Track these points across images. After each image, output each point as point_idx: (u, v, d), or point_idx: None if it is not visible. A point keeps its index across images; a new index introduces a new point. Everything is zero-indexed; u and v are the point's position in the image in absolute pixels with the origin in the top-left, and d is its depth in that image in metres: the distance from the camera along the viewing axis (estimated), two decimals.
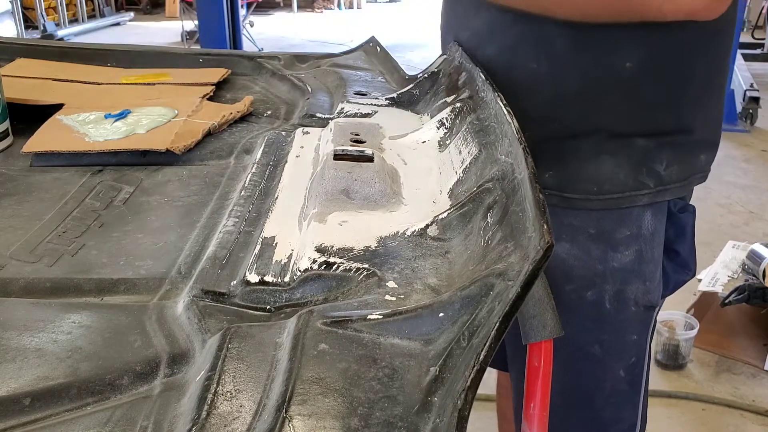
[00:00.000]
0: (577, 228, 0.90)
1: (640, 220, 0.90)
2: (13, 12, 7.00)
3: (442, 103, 0.95)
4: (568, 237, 0.90)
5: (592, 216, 0.90)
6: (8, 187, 0.84)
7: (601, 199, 0.89)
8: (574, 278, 0.91)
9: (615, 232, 0.90)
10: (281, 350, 0.49)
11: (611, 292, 0.91)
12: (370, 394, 0.45)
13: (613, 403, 0.97)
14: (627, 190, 0.88)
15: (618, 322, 0.93)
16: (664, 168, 0.89)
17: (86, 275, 0.65)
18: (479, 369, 0.44)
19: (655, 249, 0.92)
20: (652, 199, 0.89)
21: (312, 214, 0.69)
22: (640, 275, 0.91)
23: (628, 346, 0.95)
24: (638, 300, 0.92)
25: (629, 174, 0.88)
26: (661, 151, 0.89)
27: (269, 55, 1.32)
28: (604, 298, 0.91)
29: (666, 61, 0.86)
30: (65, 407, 0.48)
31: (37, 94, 1.07)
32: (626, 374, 0.95)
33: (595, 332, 0.93)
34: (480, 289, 0.51)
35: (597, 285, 0.91)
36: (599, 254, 0.90)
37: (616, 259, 0.90)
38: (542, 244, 0.49)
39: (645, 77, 0.85)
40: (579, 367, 0.95)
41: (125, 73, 1.21)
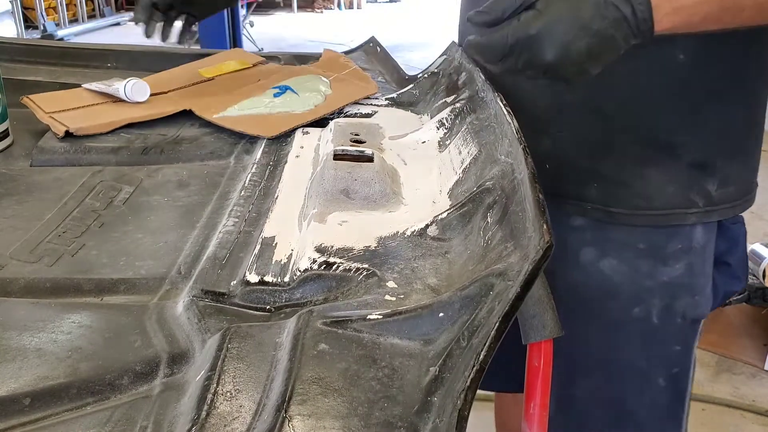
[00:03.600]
0: (625, 244, 0.87)
1: (691, 234, 0.87)
2: (13, 12, 7.00)
3: (442, 104, 0.95)
4: (615, 253, 0.87)
5: (639, 231, 0.86)
6: (8, 187, 0.84)
7: (649, 215, 0.86)
8: (620, 295, 0.88)
9: (665, 247, 0.86)
10: (281, 350, 0.49)
11: (659, 306, 0.88)
12: (369, 394, 0.45)
13: (657, 415, 0.94)
14: (676, 207, 0.85)
15: (664, 334, 0.90)
16: (716, 188, 0.86)
17: (86, 275, 0.65)
18: (479, 369, 0.44)
19: (706, 262, 0.89)
20: (699, 219, 0.86)
21: (312, 214, 0.69)
22: (689, 289, 0.88)
23: (672, 356, 0.92)
24: (686, 313, 0.89)
25: (678, 190, 0.85)
26: (713, 167, 0.85)
27: (269, 55, 1.33)
28: (652, 312, 0.88)
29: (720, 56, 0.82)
30: (65, 407, 0.48)
31: (155, 109, 1.06)
32: (667, 384, 0.92)
33: (641, 347, 0.90)
34: (480, 289, 0.51)
35: (645, 301, 0.88)
36: (648, 269, 0.87)
37: (666, 273, 0.87)
38: (542, 243, 0.49)
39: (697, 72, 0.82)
40: (624, 382, 0.92)
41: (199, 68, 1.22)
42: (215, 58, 1.26)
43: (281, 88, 1.06)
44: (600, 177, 0.86)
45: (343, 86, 1.10)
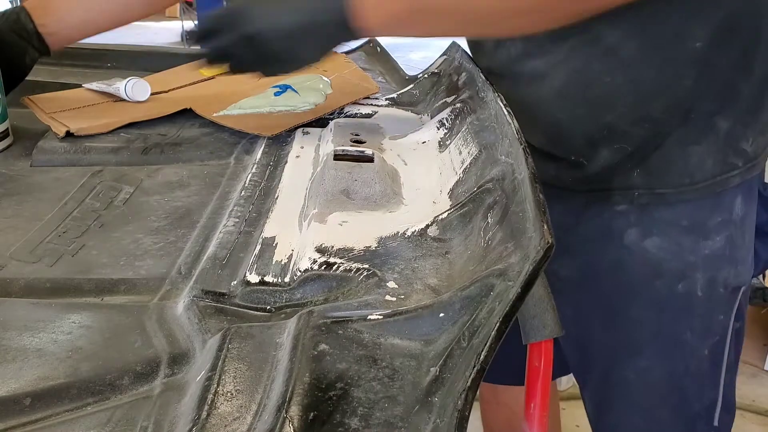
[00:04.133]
0: (669, 222, 0.89)
1: (731, 206, 0.89)
2: None
3: (442, 104, 0.95)
4: (659, 232, 0.89)
5: (685, 208, 0.89)
6: (8, 187, 0.84)
7: (696, 189, 0.88)
8: (664, 272, 0.90)
9: (707, 221, 0.89)
10: (281, 350, 0.49)
11: (702, 280, 0.90)
12: (370, 395, 0.45)
13: (698, 381, 0.97)
14: (718, 174, 0.88)
15: (708, 304, 0.92)
16: (750, 143, 0.89)
17: (86, 275, 0.65)
18: (480, 369, 0.44)
19: (746, 233, 0.92)
20: (743, 177, 0.89)
21: (312, 214, 0.69)
22: (731, 260, 0.91)
23: (715, 326, 0.94)
24: (728, 283, 0.92)
25: (718, 158, 0.87)
26: (745, 127, 0.88)
27: None
28: (696, 286, 0.91)
29: (737, 28, 0.84)
30: (65, 407, 0.48)
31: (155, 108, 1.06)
32: (709, 353, 0.95)
33: (686, 320, 0.93)
34: (480, 290, 0.51)
35: (688, 276, 0.90)
36: (690, 245, 0.89)
37: (708, 247, 0.89)
38: (542, 244, 0.49)
39: (718, 49, 0.84)
40: (671, 357, 0.95)
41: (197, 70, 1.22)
42: None
43: (282, 86, 1.06)
44: (642, 165, 0.88)
45: (343, 86, 1.10)
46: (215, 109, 1.03)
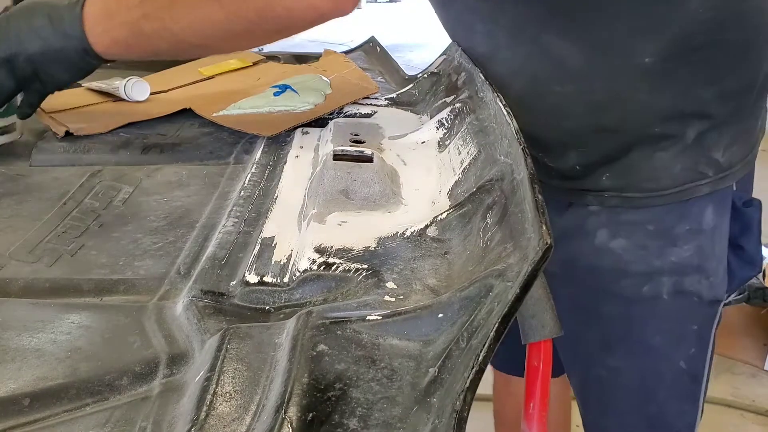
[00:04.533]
0: (636, 224, 0.90)
1: (701, 216, 0.88)
2: None
3: (441, 104, 0.95)
4: (626, 233, 0.90)
5: (652, 212, 0.89)
6: (8, 187, 0.84)
7: (662, 195, 0.88)
8: (629, 273, 0.91)
9: (674, 228, 0.89)
10: (280, 351, 0.49)
11: (668, 284, 0.90)
12: (369, 395, 0.45)
13: (676, 395, 0.97)
14: (686, 182, 0.87)
15: (677, 311, 0.92)
16: (722, 153, 0.87)
17: (85, 275, 0.65)
18: (478, 370, 0.44)
19: (717, 245, 0.90)
20: (714, 186, 0.87)
21: (311, 214, 0.69)
22: (701, 270, 0.90)
23: (688, 336, 0.94)
24: (701, 294, 0.91)
25: (686, 165, 0.86)
26: (718, 135, 0.86)
27: (269, 55, 1.33)
28: (662, 290, 0.91)
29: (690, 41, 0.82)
30: (64, 408, 0.48)
31: (155, 108, 1.06)
32: (687, 366, 0.95)
33: (653, 324, 0.93)
34: (479, 290, 0.51)
35: (654, 279, 0.90)
36: (656, 249, 0.89)
37: (675, 254, 0.89)
38: (541, 244, 0.49)
39: (674, 63, 0.83)
40: (641, 361, 0.95)
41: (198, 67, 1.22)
42: (215, 57, 1.26)
43: (281, 86, 1.06)
44: (613, 170, 0.88)
45: (343, 86, 1.10)
46: (215, 109, 1.03)
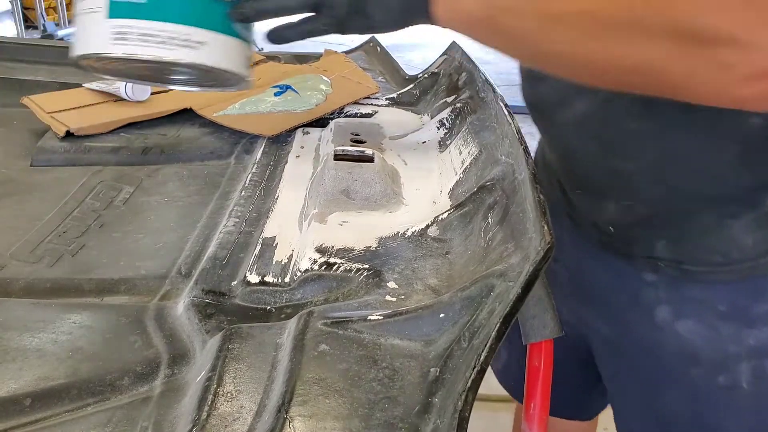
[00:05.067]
0: (703, 302, 0.75)
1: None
2: (13, 12, 6.99)
3: (442, 104, 0.95)
4: (692, 313, 0.76)
5: (720, 289, 0.74)
6: (8, 187, 0.84)
7: (732, 270, 0.73)
8: (701, 361, 0.77)
9: (750, 308, 0.74)
10: (282, 351, 0.49)
11: (747, 371, 0.76)
12: (370, 395, 0.45)
13: None
14: (761, 256, 0.72)
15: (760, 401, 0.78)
16: None
17: (86, 275, 0.65)
18: (480, 370, 0.44)
19: None
20: None
21: (312, 214, 0.69)
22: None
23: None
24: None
25: (760, 237, 0.72)
26: None
27: (270, 55, 1.32)
28: (740, 379, 0.76)
29: None
30: (66, 408, 0.48)
31: (156, 108, 1.06)
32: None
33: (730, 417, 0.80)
34: (480, 290, 0.51)
35: (730, 368, 0.76)
36: (731, 333, 0.75)
37: (753, 336, 0.75)
38: (543, 244, 0.49)
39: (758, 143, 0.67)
40: None
41: None
42: None
43: (282, 86, 1.06)
44: (669, 236, 0.74)
45: (343, 86, 1.10)
46: (215, 108, 1.03)
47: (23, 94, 1.07)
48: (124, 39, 0.62)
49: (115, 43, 0.62)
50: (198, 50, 0.64)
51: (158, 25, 0.62)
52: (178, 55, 0.63)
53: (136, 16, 0.62)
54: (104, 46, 0.62)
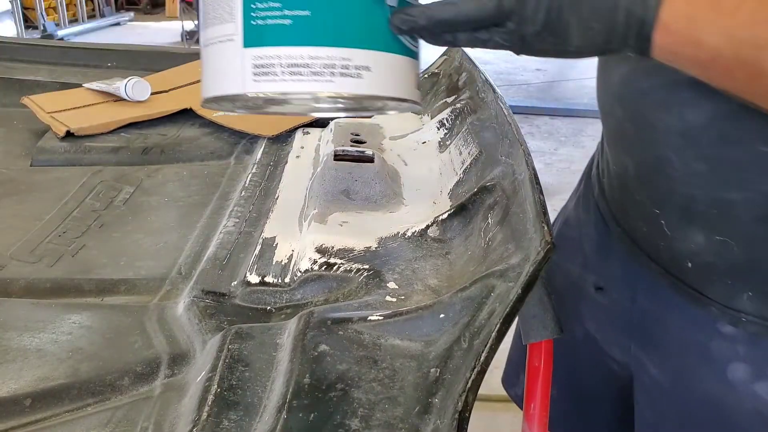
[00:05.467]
0: None
1: None
2: (13, 12, 6.99)
3: (442, 104, 0.95)
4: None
5: None
6: (8, 187, 0.84)
7: None
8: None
9: None
10: (282, 351, 0.49)
11: None
12: (370, 396, 0.45)
13: None
14: None
15: None
16: None
17: (86, 275, 0.65)
18: (480, 371, 0.44)
19: None
20: None
21: (312, 214, 0.69)
22: None
23: None
24: None
25: None
26: None
27: None
28: None
29: None
30: (66, 408, 0.48)
31: (156, 108, 1.07)
32: None
33: None
34: (481, 291, 0.51)
35: None
36: None
37: None
38: (543, 245, 0.49)
39: None
40: None
41: None
42: None
43: None
44: (759, 289, 0.66)
45: None
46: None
47: (23, 94, 1.08)
48: (267, 73, 0.49)
49: (257, 79, 0.49)
50: (361, 78, 0.51)
51: (309, 51, 0.49)
52: (337, 88, 0.50)
53: (281, 42, 0.49)
54: (244, 85, 0.50)
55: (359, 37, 0.51)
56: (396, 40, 0.52)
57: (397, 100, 0.55)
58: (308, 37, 0.49)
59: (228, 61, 0.50)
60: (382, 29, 0.52)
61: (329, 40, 0.50)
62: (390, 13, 0.51)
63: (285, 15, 0.49)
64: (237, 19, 0.49)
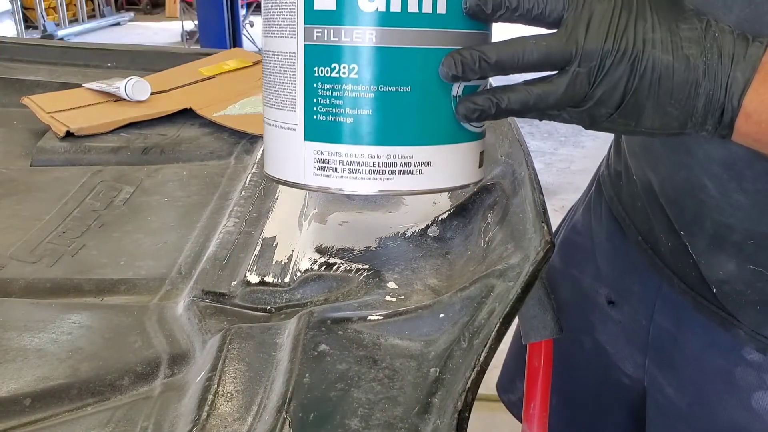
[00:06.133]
0: None
1: None
2: (13, 12, 7.00)
3: None
4: None
5: None
6: (8, 187, 0.84)
7: None
8: None
9: None
10: (281, 351, 0.49)
11: None
12: (370, 395, 0.45)
13: None
14: None
15: None
16: None
17: (86, 275, 0.65)
18: (480, 371, 0.44)
19: None
20: None
21: (312, 214, 0.69)
22: None
23: None
24: None
25: None
26: None
27: None
28: None
29: None
30: (66, 408, 0.48)
31: (156, 108, 1.07)
32: None
33: None
34: (480, 290, 0.51)
35: None
36: None
37: None
38: (542, 244, 0.49)
39: None
40: None
41: (198, 67, 1.23)
42: (215, 58, 1.27)
43: None
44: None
45: None
46: (215, 109, 1.03)
47: (23, 94, 1.08)
48: (327, 168, 0.49)
49: (317, 173, 0.50)
50: (421, 174, 0.50)
51: (371, 150, 0.49)
52: (396, 186, 0.50)
53: (343, 140, 0.49)
54: (304, 177, 0.51)
55: (421, 134, 0.50)
56: (460, 129, 0.51)
57: (456, 189, 0.55)
58: (369, 137, 0.49)
59: (290, 149, 0.51)
60: (445, 122, 0.50)
61: (391, 139, 0.49)
62: (456, 104, 0.50)
63: (347, 113, 0.48)
64: (299, 110, 0.50)
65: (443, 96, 0.49)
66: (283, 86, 0.50)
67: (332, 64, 0.48)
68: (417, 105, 0.49)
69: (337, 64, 0.48)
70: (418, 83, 0.48)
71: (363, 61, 0.47)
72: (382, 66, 0.48)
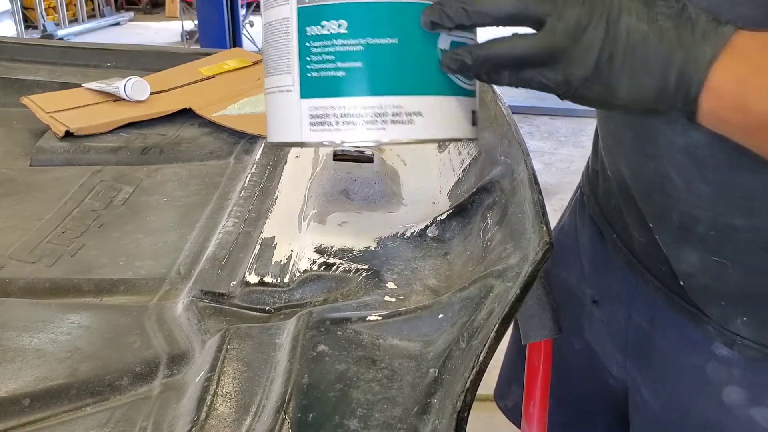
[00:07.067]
0: None
1: None
2: (13, 12, 6.99)
3: None
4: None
5: None
6: (8, 187, 0.84)
7: None
8: None
9: None
10: (280, 351, 0.49)
11: None
12: (369, 396, 0.45)
13: None
14: None
15: None
16: None
17: (86, 275, 0.65)
18: (478, 371, 0.44)
19: None
20: None
21: (311, 214, 0.69)
22: None
23: None
24: None
25: None
26: None
27: None
28: None
29: None
30: (65, 408, 0.48)
31: (155, 108, 1.07)
32: None
33: None
34: (479, 291, 0.51)
35: None
36: None
37: None
38: (541, 245, 0.49)
39: None
40: None
41: (198, 67, 1.23)
42: (215, 58, 1.27)
43: None
44: (754, 314, 0.64)
45: None
46: (215, 109, 1.03)
47: (23, 94, 1.08)
48: (323, 123, 0.52)
49: (313, 129, 0.52)
50: (412, 124, 0.52)
51: (363, 101, 0.51)
52: (389, 135, 0.52)
53: (335, 93, 0.51)
54: (302, 134, 0.53)
55: (410, 84, 0.52)
56: (448, 82, 0.53)
57: (449, 140, 0.56)
58: (360, 88, 0.51)
59: (287, 110, 0.53)
60: (433, 74, 0.52)
61: (380, 89, 0.51)
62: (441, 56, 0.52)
63: (338, 67, 0.50)
64: (294, 71, 0.52)
65: (430, 48, 0.52)
66: (280, 52, 0.52)
67: (322, 21, 0.50)
68: (404, 56, 0.51)
69: (326, 21, 0.50)
70: (404, 35, 0.51)
71: (350, 16, 0.50)
72: (369, 20, 0.50)
